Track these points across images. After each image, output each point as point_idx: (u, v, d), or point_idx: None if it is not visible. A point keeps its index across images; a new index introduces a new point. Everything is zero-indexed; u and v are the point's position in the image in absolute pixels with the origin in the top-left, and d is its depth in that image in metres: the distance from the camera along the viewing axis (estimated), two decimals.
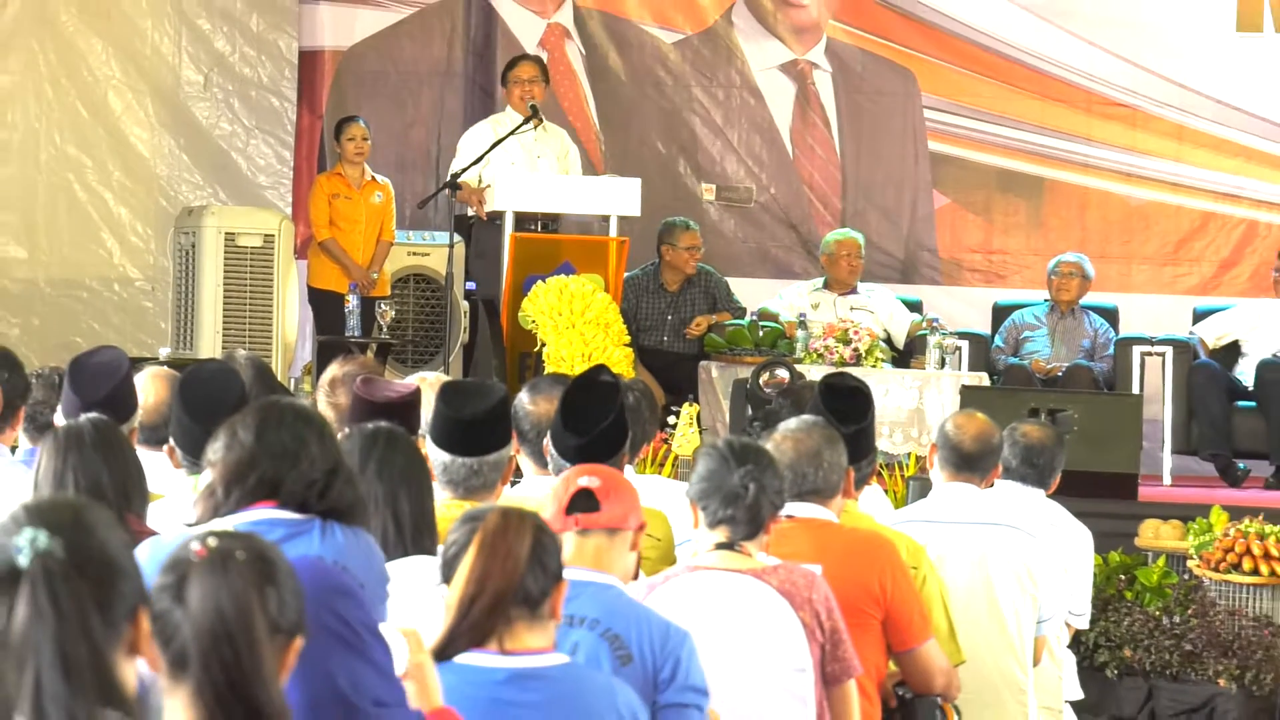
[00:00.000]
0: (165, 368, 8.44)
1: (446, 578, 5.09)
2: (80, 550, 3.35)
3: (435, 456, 6.54)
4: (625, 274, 15.00)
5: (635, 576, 5.93)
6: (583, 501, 5.60)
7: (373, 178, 15.93)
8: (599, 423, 6.93)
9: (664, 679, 5.58)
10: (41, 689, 3.25)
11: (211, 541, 3.97)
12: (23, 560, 3.28)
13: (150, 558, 5.34)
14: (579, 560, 5.53)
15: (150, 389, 7.92)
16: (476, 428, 6.59)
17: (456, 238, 15.31)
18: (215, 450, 5.53)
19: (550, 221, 14.93)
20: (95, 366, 7.90)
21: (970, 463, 8.75)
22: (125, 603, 3.43)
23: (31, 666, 3.25)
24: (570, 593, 5.21)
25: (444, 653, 4.85)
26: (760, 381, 9.89)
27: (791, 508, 6.82)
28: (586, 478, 5.74)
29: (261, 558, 3.94)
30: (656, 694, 5.52)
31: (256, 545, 3.99)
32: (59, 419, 7.25)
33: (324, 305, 15.73)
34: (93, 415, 6.51)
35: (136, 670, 3.50)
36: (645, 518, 7.16)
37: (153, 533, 5.81)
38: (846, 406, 7.84)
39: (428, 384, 7.83)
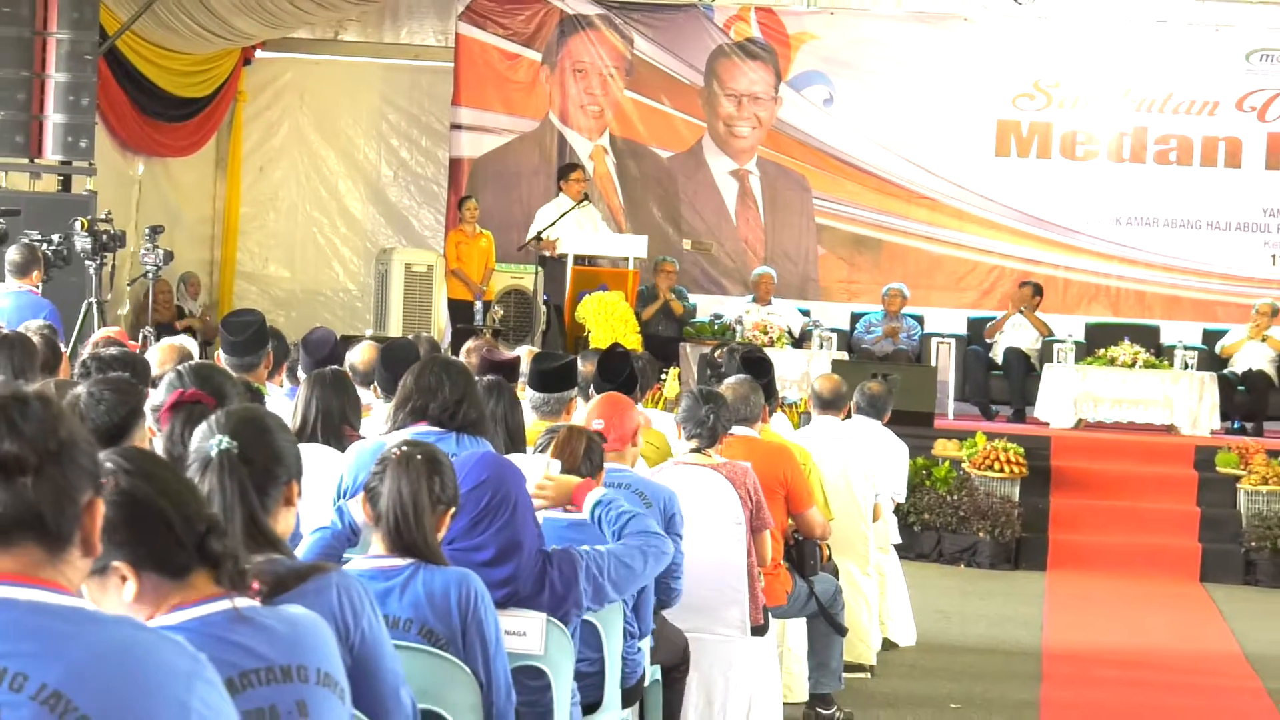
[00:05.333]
0: (371, 341, 8.45)
1: None
2: (253, 444, 3.28)
3: (529, 394, 6.54)
4: (637, 289, 15.02)
5: (633, 463, 5.93)
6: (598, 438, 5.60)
7: (480, 231, 16.03)
8: (621, 375, 6.93)
9: (670, 515, 5.60)
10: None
11: (405, 447, 3.95)
12: (215, 450, 3.24)
13: (360, 452, 5.37)
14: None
15: (364, 353, 7.93)
16: (551, 376, 6.60)
17: (539, 269, 15.34)
18: (397, 390, 5.55)
19: (594, 259, 14.93)
20: (316, 339, 7.96)
21: (828, 404, 8.83)
22: (283, 477, 3.35)
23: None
24: (610, 475, 5.28)
25: None
26: (715, 355, 9.86)
27: (734, 429, 6.84)
28: (598, 420, 5.74)
29: (432, 458, 3.94)
30: (664, 521, 5.53)
31: (430, 450, 3.98)
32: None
33: (456, 308, 15.87)
34: (331, 366, 6.50)
35: (291, 520, 3.41)
36: (651, 434, 7.21)
37: (362, 438, 5.81)
38: (756, 368, 7.88)
39: (526, 352, 7.88)
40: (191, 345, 7.31)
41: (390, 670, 3.33)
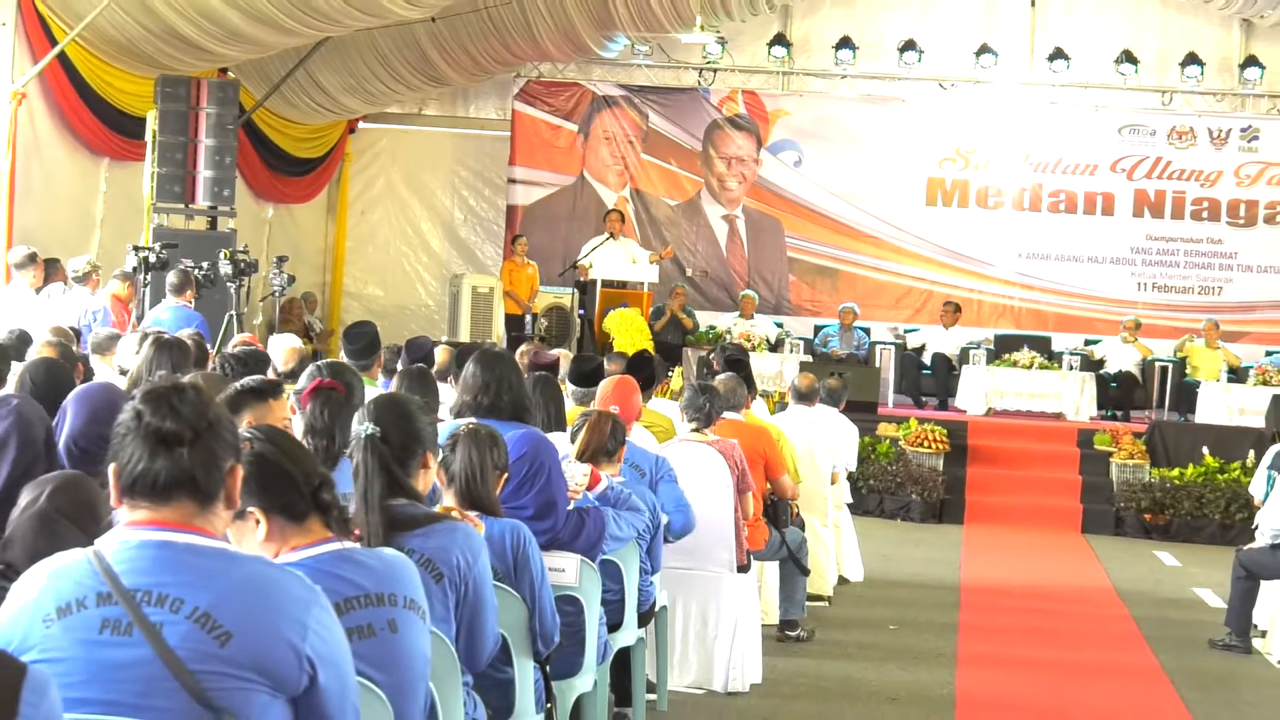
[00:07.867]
0: (447, 345, 8.43)
1: (573, 439, 5.08)
2: (393, 427, 3.32)
3: (569, 387, 6.51)
4: (651, 306, 14.99)
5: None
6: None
7: (527, 261, 15.98)
8: (644, 373, 6.91)
9: (661, 475, 5.60)
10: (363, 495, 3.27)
11: (470, 426, 3.94)
12: (363, 434, 3.27)
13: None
14: None
15: (441, 355, 7.92)
16: (587, 375, 6.57)
17: (575, 290, 15.31)
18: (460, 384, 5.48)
19: (618, 282, 14.89)
20: (417, 344, 7.91)
21: (803, 396, 8.76)
22: (418, 451, 3.38)
23: (358, 484, 3.26)
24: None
25: None
26: (710, 357, 9.86)
27: (724, 414, 6.82)
28: (613, 406, 5.73)
29: (492, 435, 3.93)
30: (655, 480, 5.52)
31: (490, 429, 3.97)
32: (399, 367, 7.25)
33: (510, 320, 15.76)
34: (418, 364, 6.48)
35: (430, 479, 3.44)
36: (659, 418, 7.18)
37: (441, 420, 5.77)
38: (735, 365, 7.85)
39: (565, 355, 7.84)
40: (296, 342, 7.26)
41: (492, 608, 3.38)
